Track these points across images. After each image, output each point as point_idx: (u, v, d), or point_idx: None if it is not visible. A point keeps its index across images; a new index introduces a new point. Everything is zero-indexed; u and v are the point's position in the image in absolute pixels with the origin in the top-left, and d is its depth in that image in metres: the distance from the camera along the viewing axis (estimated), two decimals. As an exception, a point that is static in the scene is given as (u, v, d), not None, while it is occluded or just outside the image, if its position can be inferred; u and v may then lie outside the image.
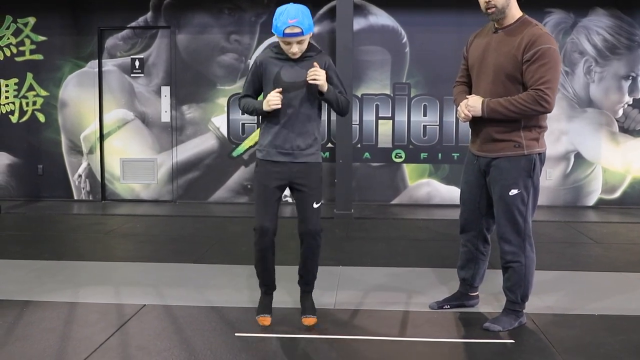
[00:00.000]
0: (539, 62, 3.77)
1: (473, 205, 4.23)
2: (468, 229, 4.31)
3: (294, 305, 4.45)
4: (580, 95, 8.74)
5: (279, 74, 3.89)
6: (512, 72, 3.86)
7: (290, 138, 3.92)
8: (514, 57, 3.84)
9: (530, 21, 3.96)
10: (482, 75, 4.02)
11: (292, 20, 3.71)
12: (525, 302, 4.13)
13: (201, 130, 9.08)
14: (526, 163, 3.94)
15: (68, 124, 9.18)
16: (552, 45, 3.81)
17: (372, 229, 7.35)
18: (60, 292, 4.82)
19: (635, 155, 8.79)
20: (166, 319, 4.25)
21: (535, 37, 3.81)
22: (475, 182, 4.19)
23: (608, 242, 6.67)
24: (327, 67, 3.94)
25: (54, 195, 9.26)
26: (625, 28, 8.64)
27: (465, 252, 4.37)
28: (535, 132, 3.95)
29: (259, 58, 3.98)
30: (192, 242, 6.59)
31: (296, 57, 3.86)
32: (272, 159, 3.95)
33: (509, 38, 3.91)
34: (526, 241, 4.04)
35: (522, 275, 4.03)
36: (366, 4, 8.76)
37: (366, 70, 8.83)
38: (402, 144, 8.92)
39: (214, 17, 8.90)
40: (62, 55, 9.08)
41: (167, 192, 9.19)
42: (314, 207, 3.99)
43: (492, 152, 4.00)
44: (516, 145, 3.92)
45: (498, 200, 4.01)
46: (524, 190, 3.96)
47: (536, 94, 3.75)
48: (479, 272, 4.37)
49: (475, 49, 4.12)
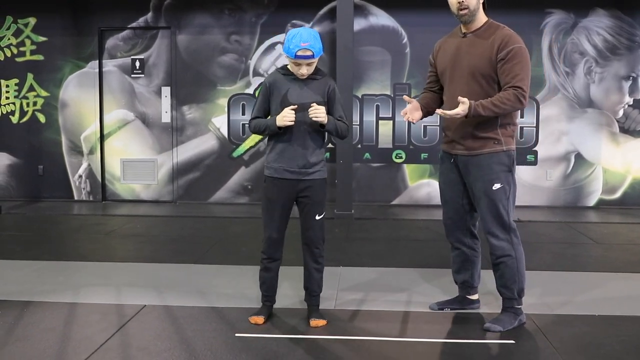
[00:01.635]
0: (512, 60, 3.87)
1: (457, 203, 4.26)
2: (455, 228, 4.32)
3: (294, 305, 4.46)
4: (580, 95, 8.74)
5: (287, 95, 4.03)
6: (488, 72, 3.96)
7: (297, 157, 4.04)
8: (488, 57, 3.94)
9: (498, 24, 4.08)
10: (456, 78, 4.08)
11: (304, 43, 3.88)
12: (522, 297, 4.13)
13: (201, 130, 9.08)
14: (506, 158, 4.03)
15: (68, 124, 9.18)
16: (522, 45, 3.95)
17: (373, 229, 7.35)
18: (60, 292, 4.82)
19: (636, 156, 8.79)
20: (166, 319, 4.25)
21: (507, 37, 3.93)
22: (455, 180, 4.22)
23: (608, 243, 6.67)
24: (330, 90, 4.11)
25: (54, 196, 9.26)
26: (625, 28, 8.64)
27: (457, 255, 4.38)
28: (510, 130, 4.06)
29: (268, 80, 4.11)
30: (193, 243, 6.59)
31: (304, 77, 4.02)
32: (280, 176, 4.07)
33: (480, 40, 4.01)
34: (513, 234, 4.07)
35: (515, 269, 4.05)
36: (366, 4, 8.76)
37: (367, 70, 8.83)
38: (402, 144, 8.92)
39: (215, 18, 8.91)
40: (63, 56, 9.09)
41: (167, 192, 9.20)
42: (317, 218, 4.15)
43: (472, 150, 4.05)
44: (495, 142, 4.00)
45: (482, 197, 4.04)
46: (506, 184, 4.02)
47: (517, 92, 3.84)
48: (476, 270, 4.38)
49: (444, 55, 4.19)
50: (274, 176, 4.08)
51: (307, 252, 4.21)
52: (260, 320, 4.15)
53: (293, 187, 4.09)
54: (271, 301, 4.28)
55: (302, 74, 4.00)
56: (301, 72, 3.99)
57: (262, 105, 4.12)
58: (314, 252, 4.19)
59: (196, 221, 7.78)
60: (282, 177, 4.06)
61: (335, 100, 4.13)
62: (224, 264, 5.68)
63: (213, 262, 5.79)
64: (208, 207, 8.87)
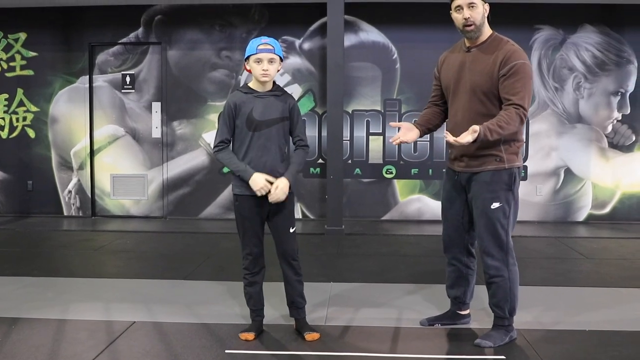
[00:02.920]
0: (514, 77, 3.83)
1: (457, 221, 4.24)
2: (452, 245, 4.31)
3: (283, 321, 4.45)
4: (569, 111, 8.79)
5: (252, 112, 4.08)
6: (490, 89, 3.92)
7: (263, 173, 4.04)
8: (490, 73, 3.90)
9: (502, 38, 4.03)
10: (459, 94, 4.06)
11: (264, 40, 4.07)
12: (513, 316, 4.13)
13: (192, 146, 9.07)
14: (507, 176, 3.98)
15: (58, 139, 9.16)
16: (526, 61, 3.90)
17: (363, 245, 7.34)
18: (49, 309, 4.78)
19: (625, 171, 8.84)
20: (156, 336, 4.23)
21: (510, 53, 3.89)
22: (457, 198, 4.21)
23: (598, 258, 6.68)
24: (292, 107, 4.19)
25: (43, 211, 9.22)
26: (613, 44, 8.71)
27: (453, 271, 4.37)
28: (514, 147, 4.01)
29: (232, 100, 4.15)
30: (183, 259, 6.56)
31: (267, 78, 4.06)
32: (251, 193, 4.07)
33: (483, 55, 3.97)
34: (509, 254, 4.04)
35: (507, 289, 4.03)
36: (357, 20, 8.80)
37: (357, 86, 8.86)
38: (392, 159, 8.94)
39: (205, 34, 8.93)
40: (53, 71, 9.08)
41: (157, 208, 9.17)
42: (290, 231, 4.20)
43: (473, 167, 4.02)
44: (497, 159, 3.96)
45: (480, 215, 4.02)
46: (505, 203, 3.98)
47: (519, 112, 3.80)
48: (469, 288, 4.38)
49: (449, 69, 4.16)
50: (245, 194, 4.09)
51: (286, 266, 4.23)
52: (251, 336, 4.15)
53: (265, 203, 4.09)
54: (261, 316, 4.27)
55: (265, 70, 4.02)
56: (263, 69, 4.02)
57: (228, 126, 4.13)
58: (293, 265, 4.22)
59: (186, 237, 7.76)
60: (252, 194, 4.06)
61: (295, 118, 4.20)
62: (214, 280, 5.66)
63: (203, 278, 5.77)
64: (198, 222, 8.85)
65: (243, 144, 4.09)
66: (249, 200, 4.09)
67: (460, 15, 3.94)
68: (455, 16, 3.99)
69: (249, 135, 4.06)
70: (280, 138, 4.11)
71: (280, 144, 4.12)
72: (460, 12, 3.94)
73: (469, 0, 3.90)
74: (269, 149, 4.07)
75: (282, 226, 4.17)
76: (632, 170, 8.85)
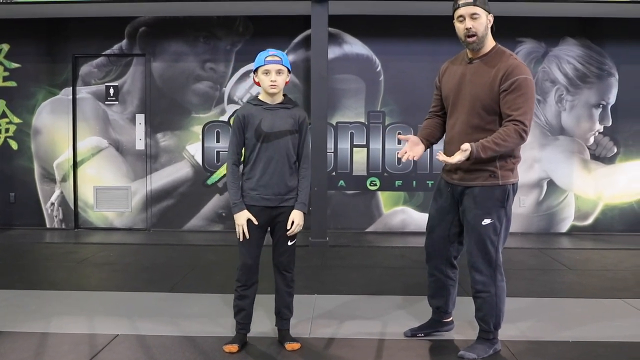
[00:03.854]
0: (516, 92, 3.74)
1: (443, 232, 4.21)
2: (436, 255, 4.27)
3: (268, 333, 4.44)
4: (552, 123, 8.86)
5: (260, 124, 4.08)
6: (489, 103, 3.84)
7: (270, 185, 4.09)
8: (491, 87, 3.82)
9: (505, 51, 3.96)
10: (458, 106, 4.00)
11: (272, 52, 4.07)
12: (498, 330, 4.13)
13: (176, 158, 9.05)
14: (500, 193, 3.92)
15: (41, 151, 9.11)
16: (528, 76, 3.80)
17: (348, 257, 7.34)
18: (31, 322, 4.74)
19: (607, 183, 8.91)
20: (139, 349, 4.20)
21: (512, 67, 3.79)
22: (447, 209, 4.18)
23: (581, 269, 6.72)
24: (301, 121, 4.19)
25: (26, 224, 9.16)
26: (595, 57, 8.79)
27: (434, 281, 4.35)
28: (510, 163, 3.94)
29: (242, 112, 4.15)
30: (166, 271, 6.53)
31: (275, 90, 4.05)
32: (256, 204, 4.11)
33: (484, 68, 3.89)
34: (497, 271, 4.01)
35: (494, 304, 4.02)
36: (341, 32, 8.84)
37: (341, 98, 8.89)
38: (376, 171, 8.96)
39: (189, 45, 8.93)
40: (36, 83, 9.04)
41: (141, 220, 9.14)
42: (289, 244, 4.21)
43: (467, 181, 3.98)
44: (491, 175, 3.90)
45: (471, 230, 3.99)
46: (496, 220, 3.94)
47: (519, 128, 3.72)
48: (451, 297, 4.37)
49: (450, 79, 4.09)
50: (250, 204, 4.10)
51: (279, 277, 4.25)
52: (235, 348, 4.14)
53: (268, 214, 4.13)
54: (246, 329, 4.26)
55: (273, 81, 4.03)
56: (272, 79, 4.02)
57: (239, 140, 4.14)
58: (286, 277, 4.24)
59: (170, 249, 7.73)
60: (258, 205, 4.09)
61: (304, 133, 4.21)
62: (198, 292, 5.64)
63: (187, 290, 5.75)
64: (182, 235, 8.82)
65: (252, 155, 4.11)
66: (254, 211, 4.10)
67: (463, 26, 3.87)
68: (457, 26, 3.92)
69: (257, 147, 4.08)
70: (289, 150, 4.12)
71: (289, 156, 4.13)
72: (463, 22, 3.87)
73: (472, 11, 3.83)
74: (277, 161, 4.08)
75: (283, 238, 4.18)
76: (614, 181, 8.92)
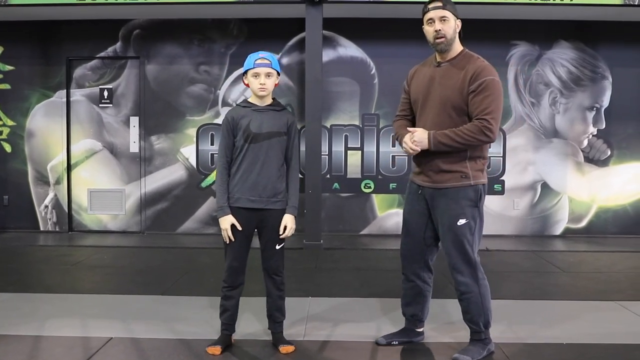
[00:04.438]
0: (483, 93, 3.85)
1: (419, 235, 4.22)
2: (412, 260, 4.28)
3: (256, 336, 4.43)
4: (546, 126, 8.88)
5: (249, 126, 4.09)
6: (459, 104, 3.93)
7: (257, 186, 4.10)
8: (460, 89, 3.91)
9: (472, 54, 4.05)
10: (428, 108, 4.06)
11: (262, 55, 4.10)
12: (489, 329, 4.13)
13: (170, 160, 9.05)
14: (473, 193, 3.98)
15: (35, 154, 9.09)
16: (495, 77, 3.92)
17: (342, 259, 7.34)
18: (25, 325, 4.73)
19: (601, 185, 8.94)
20: (133, 352, 4.20)
21: (480, 69, 3.91)
22: (421, 212, 4.19)
23: (575, 271, 6.73)
24: (290, 124, 4.22)
25: (19, 227, 9.13)
26: (588, 60, 8.82)
27: (411, 288, 4.33)
28: (480, 163, 4.02)
29: (231, 114, 4.18)
30: (160, 274, 6.52)
31: (264, 92, 4.08)
32: (242, 205, 4.11)
33: (453, 70, 3.98)
34: (477, 269, 4.03)
35: (479, 304, 4.03)
36: (335, 35, 8.85)
37: (335, 101, 8.89)
38: (371, 174, 8.97)
39: (184, 48, 8.93)
40: (30, 85, 9.02)
41: (135, 223, 9.12)
42: (277, 248, 4.21)
43: (439, 183, 4.02)
44: (463, 176, 3.96)
45: (447, 231, 4.01)
46: (471, 219, 3.98)
47: (481, 124, 3.82)
48: (426, 305, 4.35)
49: (418, 83, 4.17)
50: (236, 205, 4.10)
51: (269, 280, 4.25)
52: (217, 350, 4.13)
53: (255, 217, 4.13)
54: (230, 330, 4.26)
55: (262, 83, 4.06)
56: (261, 82, 4.05)
57: (228, 142, 4.14)
58: (276, 280, 4.24)
59: (164, 252, 7.72)
60: (244, 207, 4.09)
61: (292, 136, 4.23)
62: (192, 295, 5.63)
63: (181, 293, 5.74)
64: (176, 237, 8.81)
65: (239, 156, 4.11)
66: (240, 212, 4.09)
67: (432, 28, 3.98)
68: (426, 29, 4.03)
69: (245, 148, 4.08)
70: (277, 152, 4.13)
71: (277, 158, 4.14)
72: (432, 25, 3.98)
73: (441, 14, 3.95)
74: (264, 162, 4.09)
75: (270, 241, 4.18)
76: (607, 184, 8.95)
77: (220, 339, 4.23)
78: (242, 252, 4.15)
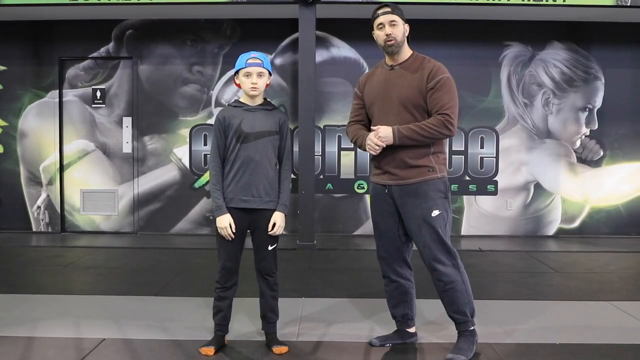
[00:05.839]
0: (441, 90, 3.99)
1: (393, 235, 4.26)
2: (392, 260, 4.33)
3: (249, 336, 4.43)
4: (539, 126, 8.90)
5: (241, 125, 4.10)
6: (418, 102, 4.05)
7: (250, 186, 4.10)
8: (418, 87, 4.05)
9: (424, 56, 4.22)
10: (387, 109, 4.15)
11: (253, 54, 4.13)
12: (474, 317, 4.15)
13: (163, 161, 9.03)
14: (442, 185, 4.09)
15: (27, 154, 9.07)
16: (449, 75, 4.07)
17: (335, 260, 7.34)
18: (17, 326, 4.71)
19: (593, 185, 8.96)
20: (126, 353, 4.19)
21: (436, 68, 4.07)
22: (390, 212, 4.22)
23: (568, 272, 6.75)
24: (282, 123, 4.24)
25: (12, 227, 9.10)
26: (581, 61, 8.85)
27: (395, 288, 4.36)
28: (441, 158, 4.15)
29: (222, 114, 4.18)
30: (154, 275, 6.51)
31: (256, 92, 4.10)
32: (235, 205, 4.10)
33: (408, 71, 4.14)
34: (457, 258, 4.11)
35: (464, 291, 4.07)
36: (328, 36, 8.85)
37: (328, 101, 8.89)
38: (364, 175, 8.96)
39: (177, 48, 8.91)
40: (22, 85, 9.00)
41: (128, 223, 9.10)
42: (269, 249, 4.20)
43: (407, 179, 4.08)
44: (430, 170, 4.06)
45: (421, 225, 4.05)
46: (444, 211, 4.08)
47: (443, 118, 3.94)
48: (413, 302, 4.40)
49: (373, 87, 4.29)
50: (229, 206, 4.10)
51: (262, 281, 4.25)
52: (211, 351, 4.13)
53: (248, 217, 4.13)
54: (223, 331, 4.26)
55: (254, 83, 4.08)
56: (253, 82, 4.07)
57: (220, 142, 4.15)
58: (269, 281, 4.24)
59: (157, 253, 7.70)
60: (236, 207, 4.09)
61: (284, 135, 4.25)
62: (186, 296, 5.62)
63: (174, 294, 5.73)
64: (169, 238, 8.79)
65: (231, 156, 4.10)
66: (231, 212, 4.08)
67: (382, 32, 4.17)
68: (377, 34, 4.23)
69: (237, 147, 4.08)
70: (269, 151, 4.13)
71: (270, 157, 4.15)
72: (382, 30, 4.17)
73: (390, 18, 4.15)
74: (257, 161, 4.09)
75: (263, 242, 4.18)
76: (600, 184, 8.98)
77: (213, 339, 4.23)
78: (235, 252, 4.15)
